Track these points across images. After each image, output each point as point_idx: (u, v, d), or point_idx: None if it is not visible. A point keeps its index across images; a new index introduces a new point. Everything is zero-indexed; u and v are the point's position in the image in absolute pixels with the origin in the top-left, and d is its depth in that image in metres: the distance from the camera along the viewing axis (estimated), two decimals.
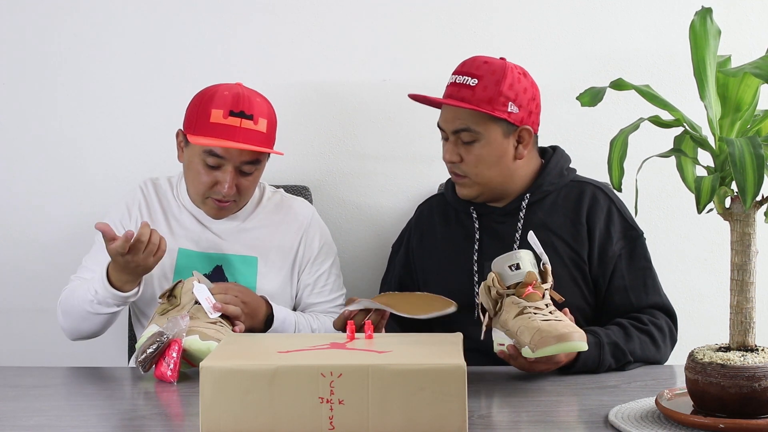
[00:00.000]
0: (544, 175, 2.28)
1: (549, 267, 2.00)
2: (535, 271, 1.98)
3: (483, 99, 2.18)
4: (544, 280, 1.99)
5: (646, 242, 2.27)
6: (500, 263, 2.00)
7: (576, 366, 2.01)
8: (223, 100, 2.27)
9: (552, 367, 1.98)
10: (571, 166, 2.34)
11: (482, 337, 2.00)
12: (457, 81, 2.23)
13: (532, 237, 2.04)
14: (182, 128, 2.34)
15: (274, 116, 2.35)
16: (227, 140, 2.24)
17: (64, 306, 2.31)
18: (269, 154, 2.34)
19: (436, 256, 2.33)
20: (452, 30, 2.77)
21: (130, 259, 2.10)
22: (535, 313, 1.90)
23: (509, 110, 2.19)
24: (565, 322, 1.89)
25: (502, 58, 2.26)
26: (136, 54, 2.78)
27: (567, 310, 1.99)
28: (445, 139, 2.27)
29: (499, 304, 1.98)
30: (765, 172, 1.48)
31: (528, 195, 2.27)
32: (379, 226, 2.81)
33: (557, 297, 2.01)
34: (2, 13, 2.79)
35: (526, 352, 1.87)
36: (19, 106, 2.81)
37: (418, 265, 2.37)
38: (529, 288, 1.94)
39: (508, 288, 1.97)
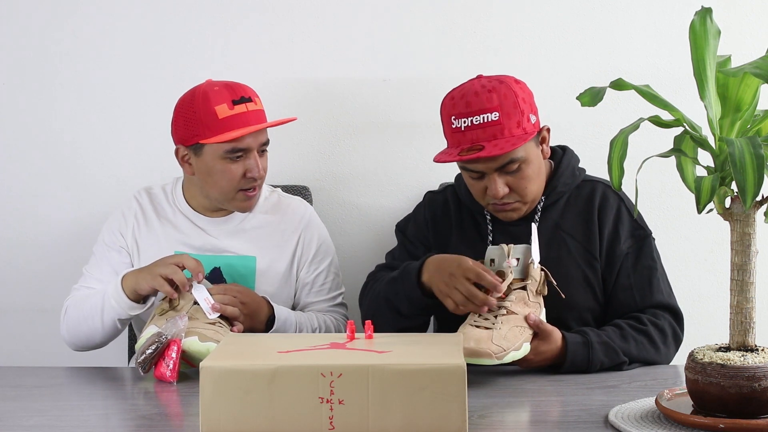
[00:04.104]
0: (557, 177, 2.26)
1: (533, 265, 2.02)
2: (512, 267, 2.01)
3: (513, 126, 2.11)
4: (525, 278, 2.01)
5: (655, 242, 2.27)
6: (487, 254, 2.05)
7: (565, 365, 2.02)
8: (220, 94, 2.27)
9: (532, 365, 2.01)
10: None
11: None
12: (476, 122, 2.11)
13: (534, 230, 2.08)
14: (182, 143, 2.32)
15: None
16: (246, 127, 2.26)
17: (71, 317, 2.31)
18: (288, 122, 2.40)
19: (446, 249, 2.32)
20: (452, 30, 2.77)
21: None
22: (479, 315, 1.95)
23: (532, 122, 2.16)
24: (489, 333, 1.91)
25: (479, 75, 2.20)
26: (134, 54, 2.78)
27: (529, 315, 1.99)
28: (479, 177, 2.18)
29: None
30: (765, 172, 1.48)
31: (543, 198, 2.26)
32: (379, 226, 2.81)
33: (560, 294, 2.04)
34: (2, 14, 2.79)
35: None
36: (19, 107, 2.81)
37: (433, 247, 2.35)
38: None
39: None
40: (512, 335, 1.93)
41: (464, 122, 2.12)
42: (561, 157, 2.30)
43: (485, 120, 2.10)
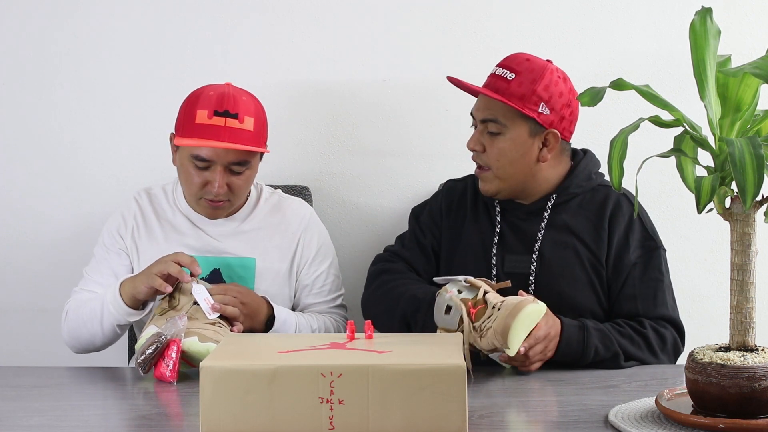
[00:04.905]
0: (571, 178, 2.27)
1: (471, 278, 2.03)
2: (464, 294, 1.99)
3: (515, 94, 2.19)
4: (476, 290, 2.00)
5: (666, 254, 2.27)
6: (438, 318, 2.02)
7: (560, 346, 2.03)
8: (208, 101, 2.26)
9: (547, 354, 2.02)
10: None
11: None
12: (497, 73, 2.25)
13: (437, 279, 2.09)
14: (173, 131, 2.34)
15: (262, 114, 2.33)
16: (211, 140, 2.22)
17: (71, 321, 2.31)
18: (261, 152, 2.34)
19: (460, 235, 2.33)
20: (452, 30, 2.77)
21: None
22: (489, 325, 1.94)
23: (540, 110, 2.19)
24: (509, 302, 1.92)
25: (548, 60, 2.27)
26: (134, 54, 2.78)
27: (522, 291, 2.03)
28: (474, 127, 2.29)
29: (466, 343, 1.97)
30: (765, 172, 1.48)
31: (554, 196, 2.27)
32: (379, 227, 2.81)
33: (503, 285, 2.03)
34: (2, 14, 2.79)
35: (509, 353, 1.91)
36: (19, 107, 2.80)
37: (445, 235, 2.36)
38: (471, 311, 1.97)
39: (458, 329, 1.98)
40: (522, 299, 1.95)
41: (493, 70, 2.28)
42: (580, 159, 2.31)
43: (502, 74, 2.24)
